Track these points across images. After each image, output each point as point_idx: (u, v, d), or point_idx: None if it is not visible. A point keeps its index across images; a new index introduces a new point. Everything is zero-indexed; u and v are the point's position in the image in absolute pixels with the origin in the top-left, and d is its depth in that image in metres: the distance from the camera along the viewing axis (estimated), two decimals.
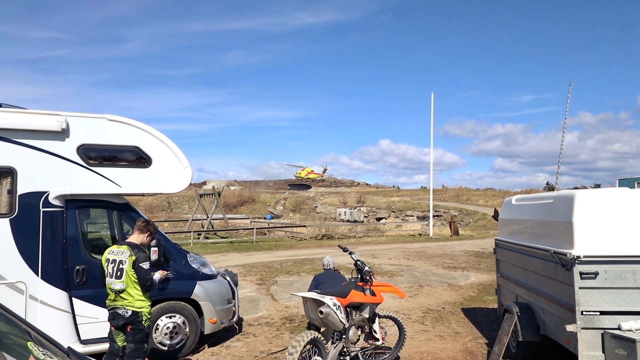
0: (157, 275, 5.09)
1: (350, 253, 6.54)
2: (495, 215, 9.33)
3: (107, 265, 4.92)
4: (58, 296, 5.96)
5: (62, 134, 6.12)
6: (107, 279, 4.91)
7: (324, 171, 66.18)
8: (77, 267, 6.12)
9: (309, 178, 65.39)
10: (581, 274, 5.03)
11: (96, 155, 6.37)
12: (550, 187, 54.45)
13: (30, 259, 5.88)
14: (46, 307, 5.86)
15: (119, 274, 4.82)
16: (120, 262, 4.83)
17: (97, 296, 5.90)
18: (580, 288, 5.03)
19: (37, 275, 5.88)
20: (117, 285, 4.82)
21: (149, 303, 4.97)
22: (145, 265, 4.82)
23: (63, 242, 6.12)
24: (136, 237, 5.10)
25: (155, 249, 5.68)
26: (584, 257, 5.02)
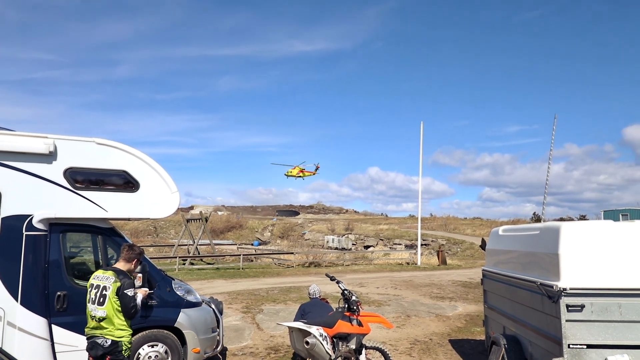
0: (140, 297, 4.94)
1: (338, 282, 6.50)
2: (483, 245, 9.36)
3: (90, 291, 4.80)
4: (37, 323, 5.80)
5: (49, 157, 6.07)
6: (89, 305, 4.77)
7: (316, 169, 60.77)
8: (59, 293, 5.98)
9: (300, 176, 60.58)
10: (567, 306, 5.03)
11: (83, 179, 6.31)
12: (536, 218, 54.96)
13: (10, 284, 5.74)
14: (24, 335, 5.69)
15: (101, 300, 4.69)
16: (104, 287, 4.72)
17: (78, 323, 5.74)
18: (567, 321, 5.02)
19: (17, 301, 5.73)
20: (98, 312, 4.69)
21: (130, 332, 4.83)
22: (130, 292, 4.71)
23: (45, 267, 5.99)
24: (123, 264, 5.00)
25: (140, 275, 5.58)
26: (570, 289, 5.03)
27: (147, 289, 5.37)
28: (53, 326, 5.91)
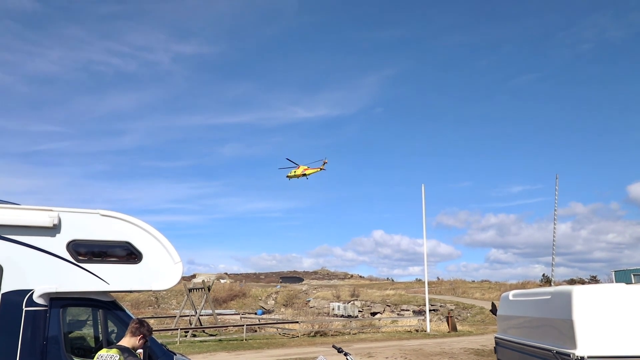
0: None
1: (346, 354, 6.26)
2: (493, 310, 9.08)
3: None
4: None
5: (53, 230, 6.06)
6: None
7: (324, 164, 53.75)
8: None
9: (304, 175, 54.13)
10: None
11: (86, 251, 6.25)
12: (546, 279, 53.75)
13: None
14: None
15: None
16: None
17: None
18: None
19: None
20: None
21: None
22: None
23: (43, 344, 5.80)
24: (128, 340, 4.85)
25: (140, 351, 5.40)
26: (589, 357, 4.83)
27: None
28: None
